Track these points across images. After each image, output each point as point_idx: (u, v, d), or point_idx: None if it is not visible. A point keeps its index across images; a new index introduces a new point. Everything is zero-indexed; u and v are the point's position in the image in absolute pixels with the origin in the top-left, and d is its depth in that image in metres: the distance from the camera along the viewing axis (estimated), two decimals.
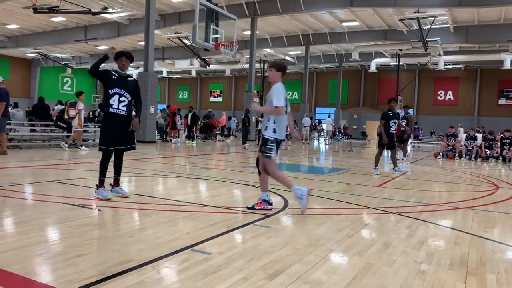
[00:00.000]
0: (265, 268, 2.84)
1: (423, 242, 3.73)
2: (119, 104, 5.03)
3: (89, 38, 28.37)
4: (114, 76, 5.13)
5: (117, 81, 5.11)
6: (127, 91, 5.12)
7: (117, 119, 5.05)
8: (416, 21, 21.41)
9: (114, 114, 5.02)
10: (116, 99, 5.04)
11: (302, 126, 25.01)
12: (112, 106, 5.02)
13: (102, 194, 5.01)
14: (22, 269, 2.63)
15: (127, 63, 5.19)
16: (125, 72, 5.23)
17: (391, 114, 9.19)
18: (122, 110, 5.05)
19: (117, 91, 5.05)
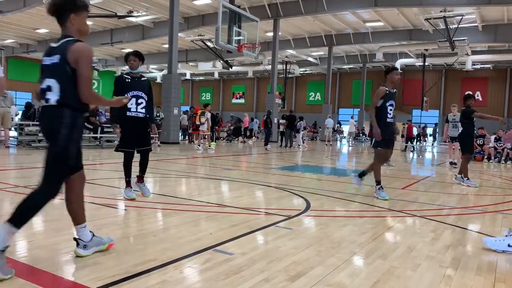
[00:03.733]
0: (287, 270, 2.84)
1: (448, 246, 3.64)
2: (137, 106, 4.96)
3: (115, 41, 29.01)
4: (128, 79, 5.03)
5: (132, 83, 5.01)
6: (144, 92, 5.05)
7: (136, 122, 5.01)
8: (442, 20, 20.94)
9: (132, 118, 4.96)
10: (133, 102, 4.94)
11: (325, 128, 24.83)
12: (130, 110, 4.93)
13: (127, 194, 5.12)
14: (50, 266, 2.71)
15: (136, 62, 5.02)
16: (137, 72, 5.11)
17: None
18: (140, 113, 4.99)
19: (134, 93, 4.95)
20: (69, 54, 2.63)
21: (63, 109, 2.66)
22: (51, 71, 2.67)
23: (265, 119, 19.64)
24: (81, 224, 2.94)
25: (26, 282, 2.43)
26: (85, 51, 2.66)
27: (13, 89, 30.04)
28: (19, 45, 33.95)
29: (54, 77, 2.65)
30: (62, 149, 2.69)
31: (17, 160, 9.70)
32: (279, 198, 5.84)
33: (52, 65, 2.68)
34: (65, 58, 2.63)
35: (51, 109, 2.67)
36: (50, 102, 2.66)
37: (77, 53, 2.64)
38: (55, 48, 2.72)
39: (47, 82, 2.67)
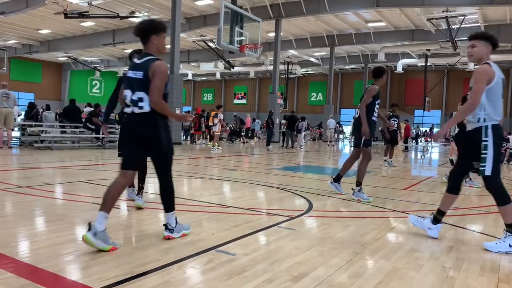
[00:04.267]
0: (290, 270, 2.83)
1: (452, 247, 3.63)
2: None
3: (117, 42, 29.05)
4: None
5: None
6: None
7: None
8: (444, 20, 20.92)
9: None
10: None
11: (326, 128, 24.82)
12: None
13: (129, 194, 5.08)
14: (53, 266, 2.71)
15: None
16: None
17: None
18: None
19: None
20: (150, 70, 3.23)
21: (155, 115, 3.28)
22: (139, 85, 3.27)
23: (267, 119, 19.67)
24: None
25: (29, 282, 2.43)
26: (161, 67, 3.27)
27: (15, 90, 30.16)
28: (22, 46, 34.04)
29: (143, 90, 3.25)
30: (168, 148, 3.42)
31: (20, 160, 9.73)
32: (281, 198, 5.84)
33: (137, 79, 3.27)
34: (147, 74, 3.23)
35: (145, 115, 3.28)
36: (144, 109, 3.27)
37: (156, 68, 3.23)
38: (138, 65, 3.31)
39: (139, 94, 3.27)
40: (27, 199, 4.95)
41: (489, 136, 3.56)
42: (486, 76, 3.52)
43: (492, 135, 3.56)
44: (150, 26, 3.34)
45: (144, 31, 3.33)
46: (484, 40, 3.70)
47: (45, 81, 41.19)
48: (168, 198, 3.49)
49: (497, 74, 3.58)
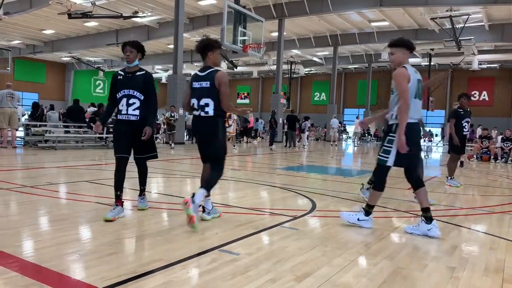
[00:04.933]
0: (293, 270, 2.83)
1: (456, 247, 3.62)
2: (128, 108, 4.17)
3: (120, 42, 28.94)
4: (120, 76, 4.28)
5: (124, 80, 4.24)
6: (138, 89, 4.20)
7: (126, 125, 4.20)
8: (448, 19, 20.80)
9: (122, 121, 4.21)
10: (124, 103, 4.18)
11: (330, 128, 24.77)
12: (121, 112, 4.21)
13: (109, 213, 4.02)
14: (58, 265, 2.72)
15: (133, 53, 4.21)
16: (134, 65, 4.27)
17: (462, 112, 7.71)
18: (132, 115, 4.16)
19: (125, 92, 4.18)
20: (215, 80, 3.99)
21: (218, 118, 4.06)
22: (205, 93, 4.02)
23: (269, 119, 19.66)
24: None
25: (33, 281, 2.44)
26: (224, 77, 4.05)
27: (19, 90, 30.26)
28: (26, 46, 34.18)
29: (209, 97, 4.00)
30: (222, 146, 4.15)
31: (24, 160, 9.77)
32: (284, 198, 5.84)
33: (203, 88, 4.04)
34: (213, 84, 3.99)
35: (211, 119, 4.04)
36: (209, 114, 4.03)
37: (220, 79, 4.01)
38: (203, 76, 4.08)
39: (205, 101, 4.02)
40: (32, 198, 4.97)
41: (397, 133, 3.87)
42: (405, 78, 3.89)
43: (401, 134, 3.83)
44: (206, 44, 4.14)
45: (201, 49, 4.15)
46: (400, 47, 4.10)
47: (49, 81, 41.35)
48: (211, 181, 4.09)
49: (413, 76, 3.93)
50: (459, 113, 7.68)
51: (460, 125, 7.68)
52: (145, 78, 4.27)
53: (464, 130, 7.72)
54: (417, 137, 4.03)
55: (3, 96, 11.68)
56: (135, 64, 4.28)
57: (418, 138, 4.07)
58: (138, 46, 4.27)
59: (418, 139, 4.07)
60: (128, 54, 4.20)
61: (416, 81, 3.96)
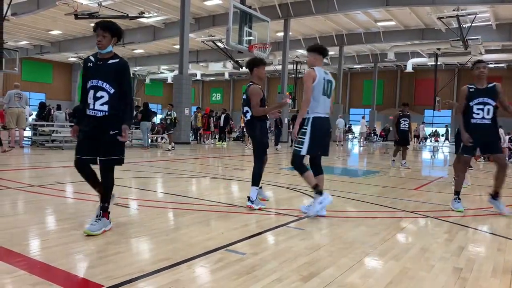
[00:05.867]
0: (299, 270, 2.83)
1: (463, 247, 3.59)
2: (95, 102, 3.51)
3: (127, 42, 29.21)
4: (90, 63, 3.60)
5: (94, 68, 3.56)
6: (108, 81, 3.51)
7: (92, 122, 3.55)
8: (455, 19, 20.68)
9: (89, 117, 3.57)
10: (91, 96, 3.52)
11: (336, 128, 24.71)
12: (88, 107, 3.56)
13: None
14: (66, 264, 2.74)
15: (105, 38, 3.51)
16: (106, 52, 3.56)
17: None
18: (99, 111, 3.51)
19: (93, 83, 3.52)
20: (248, 92, 4.88)
21: (254, 120, 4.91)
22: (245, 103, 4.93)
23: (275, 119, 19.64)
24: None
25: (41, 279, 2.46)
26: (254, 90, 4.87)
27: (27, 90, 30.52)
28: (33, 47, 34.45)
29: (247, 106, 4.92)
30: (260, 142, 4.96)
31: (31, 159, 9.85)
32: (290, 198, 5.83)
33: (244, 99, 4.94)
34: (248, 95, 4.88)
35: (248, 121, 5.00)
36: (247, 117, 4.96)
37: (250, 91, 4.87)
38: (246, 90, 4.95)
39: (246, 109, 4.95)
40: (39, 198, 5.01)
41: (308, 126, 4.53)
42: (311, 78, 4.51)
43: (311, 125, 4.53)
44: (252, 62, 5.00)
45: (249, 66, 5.02)
46: (313, 52, 4.68)
47: (55, 81, 41.65)
48: (253, 176, 4.92)
49: (319, 76, 4.52)
50: None
51: None
52: (118, 67, 3.55)
53: None
54: (322, 130, 4.59)
55: (11, 96, 11.77)
56: (109, 51, 3.57)
57: (323, 131, 4.62)
58: (113, 29, 3.55)
59: (323, 132, 4.62)
60: (100, 39, 3.50)
61: (324, 81, 4.57)
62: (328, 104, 4.65)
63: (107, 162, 3.56)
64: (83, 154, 3.57)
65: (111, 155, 3.57)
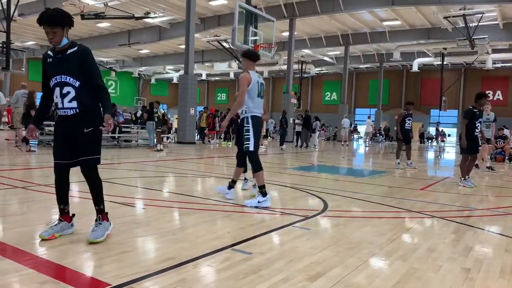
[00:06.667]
0: (306, 270, 2.82)
1: (470, 248, 3.57)
2: (62, 99, 3.19)
3: (132, 42, 29.38)
4: (50, 58, 3.24)
5: (53, 64, 3.21)
6: (72, 74, 3.17)
7: (64, 122, 3.28)
8: (462, 18, 20.56)
9: (61, 117, 3.30)
10: (58, 94, 3.21)
11: (341, 128, 24.65)
12: (57, 106, 3.25)
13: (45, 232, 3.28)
14: (73, 263, 2.76)
15: (56, 34, 3.09)
16: (65, 44, 3.17)
17: (477, 113, 7.59)
18: (69, 109, 3.20)
19: (57, 80, 3.19)
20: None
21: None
22: None
23: (280, 119, 19.64)
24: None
25: (49, 278, 2.47)
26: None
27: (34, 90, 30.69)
28: (40, 47, 34.69)
29: None
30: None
31: (38, 159, 9.90)
32: (295, 198, 5.83)
33: None
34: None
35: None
36: None
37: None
38: None
39: None
40: (46, 197, 5.04)
41: (250, 124, 5.00)
42: (246, 81, 4.97)
43: (251, 123, 5.01)
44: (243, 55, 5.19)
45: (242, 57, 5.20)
46: (245, 57, 5.16)
47: None
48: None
49: (254, 79, 5.01)
50: (474, 113, 7.54)
51: (473, 125, 7.54)
52: (79, 56, 3.18)
53: (476, 130, 7.58)
54: (259, 127, 5.14)
55: (19, 96, 11.87)
56: (65, 43, 3.18)
57: (260, 128, 5.17)
58: (61, 21, 3.12)
59: (260, 128, 5.16)
60: (51, 36, 3.10)
61: (258, 83, 5.09)
62: (261, 104, 5.19)
63: (87, 162, 3.26)
64: (61, 158, 3.29)
65: (89, 155, 3.25)
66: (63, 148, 3.29)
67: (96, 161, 3.31)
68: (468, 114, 7.53)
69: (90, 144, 3.25)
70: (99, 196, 3.38)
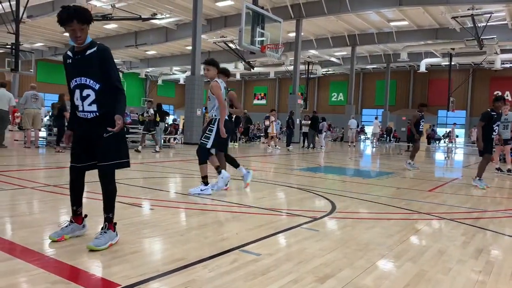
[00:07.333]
0: (314, 271, 2.81)
1: (481, 250, 3.54)
2: (83, 102, 3.11)
3: (139, 44, 29.53)
4: (69, 59, 3.16)
5: (73, 65, 3.14)
6: (91, 76, 3.08)
7: (84, 126, 3.21)
8: (470, 18, 20.42)
9: (80, 120, 3.21)
10: (78, 96, 3.12)
11: (348, 128, 24.56)
12: (77, 109, 3.18)
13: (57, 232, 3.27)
14: (82, 263, 2.77)
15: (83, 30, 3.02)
16: (87, 43, 3.10)
17: (495, 116, 7.62)
18: (89, 112, 3.13)
19: (77, 82, 3.11)
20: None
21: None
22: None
23: (287, 120, 19.62)
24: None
25: (58, 277, 2.48)
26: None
27: (42, 91, 30.99)
28: (48, 48, 34.99)
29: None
30: None
31: (47, 159, 9.98)
32: (303, 199, 5.81)
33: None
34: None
35: None
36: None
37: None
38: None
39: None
40: (55, 197, 5.08)
41: (215, 125, 5.59)
42: (219, 88, 5.61)
43: (216, 125, 5.59)
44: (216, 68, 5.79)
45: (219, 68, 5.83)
46: (212, 66, 5.68)
47: None
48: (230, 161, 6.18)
49: (222, 86, 5.68)
50: (492, 116, 7.56)
51: (491, 128, 7.61)
52: (99, 56, 3.08)
53: (494, 133, 7.71)
54: (231, 129, 5.74)
55: (28, 97, 11.97)
56: (88, 42, 3.11)
57: (231, 130, 5.59)
58: (90, 17, 3.06)
59: (232, 131, 5.78)
60: (79, 34, 3.00)
61: (225, 89, 5.80)
62: (227, 106, 5.86)
63: (103, 168, 3.19)
64: (78, 161, 3.24)
65: (108, 160, 3.17)
66: (80, 151, 3.24)
67: (115, 166, 3.23)
68: (486, 117, 7.55)
69: (108, 149, 3.15)
70: (110, 203, 3.29)
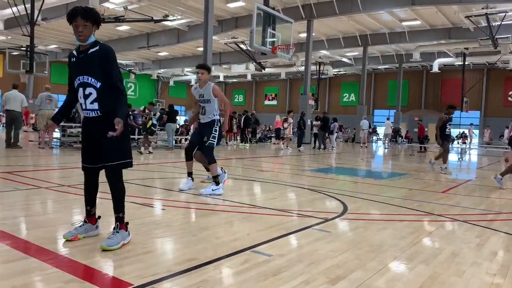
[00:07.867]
0: (326, 273, 2.80)
1: (496, 253, 3.48)
2: (85, 100, 3.15)
3: (151, 45, 29.75)
4: (73, 58, 3.19)
5: (77, 63, 3.16)
6: (93, 74, 3.10)
7: (88, 125, 3.26)
8: (484, 17, 20.11)
9: (85, 119, 3.28)
10: (81, 95, 3.16)
11: (360, 129, 24.41)
12: (82, 107, 3.23)
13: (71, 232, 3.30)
14: (96, 263, 2.80)
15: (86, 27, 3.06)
16: (90, 42, 3.12)
17: None
18: (92, 111, 3.16)
19: (80, 80, 3.14)
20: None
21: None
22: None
23: (298, 120, 19.57)
24: None
25: (72, 277, 2.52)
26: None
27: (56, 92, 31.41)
28: (62, 50, 35.42)
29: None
30: None
31: (61, 160, 10.12)
32: (314, 200, 5.79)
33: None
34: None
35: None
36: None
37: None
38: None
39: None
40: (68, 197, 5.14)
41: (218, 125, 5.88)
42: (221, 89, 5.97)
43: (219, 125, 5.93)
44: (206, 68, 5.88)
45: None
46: (206, 69, 5.81)
47: None
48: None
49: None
50: None
51: None
52: (100, 55, 3.09)
53: None
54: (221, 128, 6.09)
55: (43, 99, 12.15)
56: (91, 41, 3.12)
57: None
58: (95, 16, 3.09)
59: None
60: (81, 29, 3.03)
61: None
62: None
63: (109, 168, 3.19)
64: (88, 162, 3.31)
65: (113, 160, 3.16)
66: (89, 151, 3.28)
67: (119, 166, 3.21)
68: None
69: (112, 149, 3.14)
70: (119, 203, 3.28)
